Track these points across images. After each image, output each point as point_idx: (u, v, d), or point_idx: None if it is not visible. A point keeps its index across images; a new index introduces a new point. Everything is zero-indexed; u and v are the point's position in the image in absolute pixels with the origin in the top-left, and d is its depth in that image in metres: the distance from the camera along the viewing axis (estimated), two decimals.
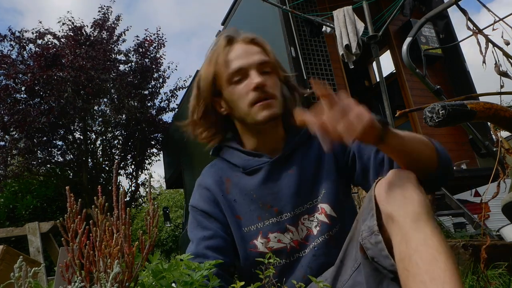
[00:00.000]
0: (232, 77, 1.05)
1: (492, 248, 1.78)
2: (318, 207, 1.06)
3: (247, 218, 1.07)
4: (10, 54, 8.61)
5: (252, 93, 1.03)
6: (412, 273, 0.67)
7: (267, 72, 1.06)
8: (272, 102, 1.04)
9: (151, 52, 9.64)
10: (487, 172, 3.56)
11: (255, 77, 1.03)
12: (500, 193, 0.98)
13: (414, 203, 0.74)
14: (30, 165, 8.28)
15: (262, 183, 1.08)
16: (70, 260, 0.68)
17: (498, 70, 1.01)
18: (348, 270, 0.89)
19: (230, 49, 1.07)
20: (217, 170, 1.16)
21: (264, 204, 1.07)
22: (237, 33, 1.10)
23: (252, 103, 1.03)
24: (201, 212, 1.11)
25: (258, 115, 1.03)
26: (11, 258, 2.43)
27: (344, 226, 1.02)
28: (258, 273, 0.89)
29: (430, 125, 0.75)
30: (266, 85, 1.03)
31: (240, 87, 1.05)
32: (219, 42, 1.09)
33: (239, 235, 1.07)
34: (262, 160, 1.09)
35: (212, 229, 1.07)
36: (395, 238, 0.74)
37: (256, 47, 1.08)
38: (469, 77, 4.41)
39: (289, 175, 1.07)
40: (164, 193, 20.46)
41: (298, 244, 1.05)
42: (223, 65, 1.06)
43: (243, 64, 1.04)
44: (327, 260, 1.00)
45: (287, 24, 3.88)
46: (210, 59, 1.09)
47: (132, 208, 10.38)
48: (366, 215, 0.81)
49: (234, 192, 1.10)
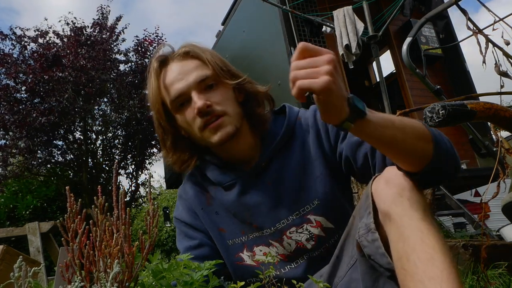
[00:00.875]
0: (175, 104, 0.97)
1: (492, 248, 1.79)
2: (309, 218, 0.99)
3: (231, 231, 1.04)
4: (11, 53, 8.63)
5: (198, 118, 0.94)
6: (410, 272, 0.67)
7: (211, 86, 0.97)
8: (221, 121, 0.94)
9: (151, 52, 9.64)
10: (487, 172, 3.56)
11: (196, 100, 0.93)
12: (500, 193, 0.98)
13: (411, 201, 0.73)
14: (30, 165, 8.28)
15: (237, 199, 1.01)
16: (70, 260, 0.68)
17: (498, 70, 1.01)
18: (344, 266, 0.89)
19: (165, 72, 0.98)
20: (196, 180, 1.11)
21: (243, 220, 1.02)
22: (169, 50, 1.01)
23: (201, 128, 0.95)
24: (184, 224, 1.09)
25: (211, 139, 0.96)
26: (11, 258, 2.43)
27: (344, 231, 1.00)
28: (250, 281, 0.88)
29: (430, 125, 0.75)
30: (210, 105, 0.94)
31: (186, 113, 0.97)
32: (152, 65, 1.00)
33: (224, 247, 1.05)
34: (235, 175, 1.02)
35: (197, 238, 1.06)
36: (392, 236, 0.73)
37: (193, 62, 0.98)
38: (469, 77, 4.41)
39: (265, 188, 1.00)
40: (164, 193, 20.45)
41: (286, 257, 1.01)
42: (163, 92, 0.98)
43: (181, 88, 0.95)
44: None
45: (287, 24, 3.88)
46: (150, 86, 1.01)
47: (132, 208, 10.38)
48: (363, 212, 0.80)
49: (214, 204, 1.06)
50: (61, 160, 9.23)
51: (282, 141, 1.02)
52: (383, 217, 0.76)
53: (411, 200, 0.74)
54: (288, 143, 1.03)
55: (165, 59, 1.00)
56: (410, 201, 0.74)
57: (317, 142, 1.01)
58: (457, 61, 4.51)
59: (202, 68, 0.97)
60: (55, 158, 9.06)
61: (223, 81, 0.98)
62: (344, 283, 0.88)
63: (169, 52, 1.01)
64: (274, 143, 1.01)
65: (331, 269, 0.92)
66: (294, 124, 1.04)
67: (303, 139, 1.02)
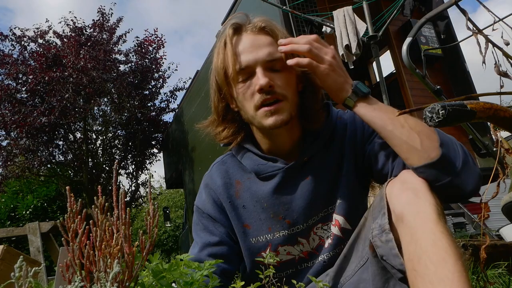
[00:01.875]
0: (238, 75, 0.94)
1: (492, 248, 1.79)
2: (332, 216, 0.99)
3: (256, 228, 1.00)
4: (11, 53, 8.64)
5: (257, 95, 0.92)
6: (420, 274, 0.67)
7: (277, 68, 0.94)
8: (279, 106, 0.92)
9: (151, 53, 9.65)
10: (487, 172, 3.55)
11: (260, 77, 0.91)
12: (500, 193, 0.98)
13: (425, 204, 0.74)
14: (31, 165, 8.29)
15: (274, 192, 0.99)
16: (70, 260, 0.68)
17: (498, 70, 1.01)
18: (353, 266, 0.89)
19: (237, 41, 0.95)
20: (227, 169, 1.06)
21: (276, 214, 0.99)
22: (245, 19, 0.98)
23: (258, 106, 0.92)
24: (207, 216, 1.04)
25: (264, 121, 0.93)
26: (12, 257, 2.43)
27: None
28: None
29: (430, 125, 0.75)
30: (273, 86, 0.91)
31: (245, 87, 0.94)
32: (226, 31, 0.97)
33: (246, 245, 1.01)
34: (277, 166, 0.99)
35: (218, 235, 1.02)
36: (404, 238, 0.73)
37: (266, 38, 0.95)
38: (469, 77, 4.40)
39: (304, 184, 0.99)
40: (164, 193, 20.46)
41: (308, 254, 1.01)
42: (229, 60, 0.94)
43: (248, 61, 0.92)
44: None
45: (287, 24, 3.88)
46: (218, 51, 0.98)
47: (132, 208, 10.39)
48: (377, 213, 0.81)
49: (244, 196, 1.02)
50: (61, 160, 9.24)
51: (324, 138, 1.02)
52: (397, 218, 0.77)
53: (426, 202, 0.74)
54: (328, 141, 1.02)
55: (240, 27, 0.97)
56: (424, 203, 0.74)
57: (352, 143, 1.01)
58: (457, 61, 4.51)
59: (274, 47, 0.94)
60: (55, 158, 9.06)
61: (290, 66, 0.94)
62: (352, 282, 0.88)
63: (245, 21, 0.98)
64: (317, 140, 1.01)
65: (337, 268, 0.92)
66: (335, 123, 1.04)
67: (341, 138, 1.02)
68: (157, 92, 9.90)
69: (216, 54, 0.99)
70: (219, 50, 0.97)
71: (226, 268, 0.99)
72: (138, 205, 11.00)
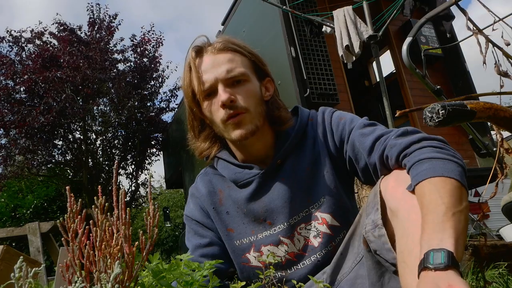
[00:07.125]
0: (203, 93, 1.01)
1: (492, 248, 1.79)
2: (316, 216, 1.02)
3: (240, 231, 1.06)
4: (9, 54, 8.67)
5: (221, 110, 0.98)
6: (410, 266, 0.67)
7: (239, 82, 1.00)
8: (243, 117, 0.98)
9: (149, 51, 9.65)
10: (487, 172, 3.55)
11: (221, 93, 0.97)
12: (500, 193, 0.98)
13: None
14: (30, 165, 8.30)
15: (252, 198, 1.04)
16: (70, 260, 0.68)
17: (498, 70, 1.01)
18: (349, 262, 0.90)
19: (199, 62, 1.02)
20: (210, 179, 1.13)
21: (257, 218, 1.04)
22: (205, 41, 1.05)
23: (224, 120, 0.99)
24: (196, 222, 1.11)
25: (232, 134, 0.99)
26: (11, 258, 2.43)
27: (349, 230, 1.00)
28: (256, 282, 0.89)
29: (430, 125, 0.75)
30: (234, 100, 0.97)
31: (211, 104, 1.01)
32: (189, 54, 1.05)
33: (231, 248, 1.07)
34: (252, 173, 1.05)
35: (208, 237, 1.08)
36: (397, 232, 0.74)
37: (226, 55, 1.02)
38: (469, 77, 4.41)
39: (280, 185, 1.03)
40: (164, 193, 20.47)
41: (295, 256, 1.02)
42: (194, 81, 1.02)
43: (210, 80, 0.99)
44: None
45: (287, 24, 3.88)
46: (184, 74, 1.06)
47: (132, 208, 10.40)
48: (371, 209, 0.82)
49: (227, 203, 1.08)
50: (61, 160, 9.24)
51: (295, 139, 1.06)
52: (391, 213, 0.78)
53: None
54: (300, 142, 1.06)
55: (200, 50, 1.04)
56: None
57: (324, 140, 1.05)
58: (457, 61, 4.51)
59: (233, 63, 1.01)
60: (55, 158, 9.07)
61: (250, 77, 1.02)
62: (349, 279, 0.89)
63: (205, 43, 1.05)
64: (288, 141, 1.05)
65: (334, 266, 0.93)
66: (306, 124, 1.08)
67: (314, 138, 1.06)
68: (157, 92, 9.91)
69: (182, 77, 1.07)
70: (185, 73, 1.05)
71: (218, 266, 1.01)
72: (138, 205, 11.01)
